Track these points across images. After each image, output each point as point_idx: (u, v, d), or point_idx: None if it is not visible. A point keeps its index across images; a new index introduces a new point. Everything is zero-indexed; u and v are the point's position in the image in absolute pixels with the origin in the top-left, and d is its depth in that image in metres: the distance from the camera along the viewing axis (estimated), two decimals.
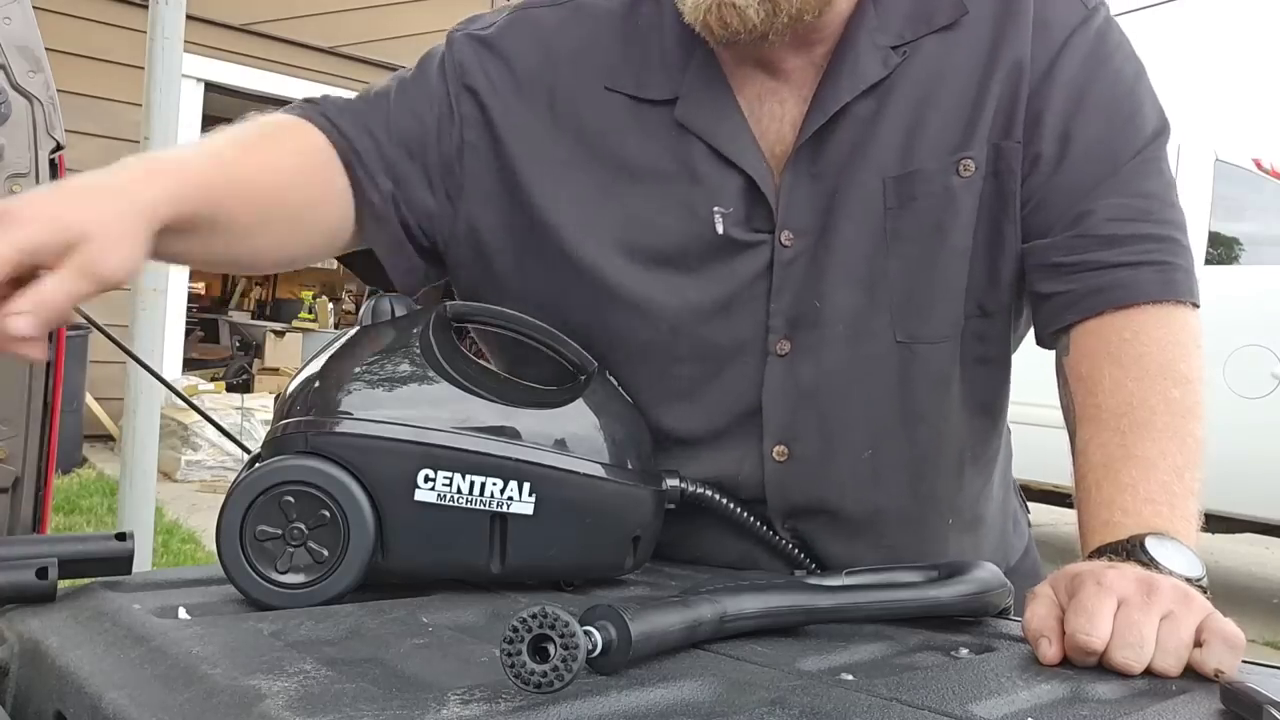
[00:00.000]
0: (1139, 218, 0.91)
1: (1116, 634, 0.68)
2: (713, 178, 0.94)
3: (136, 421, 2.67)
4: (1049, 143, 0.92)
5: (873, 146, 0.92)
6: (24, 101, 1.08)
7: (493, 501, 0.81)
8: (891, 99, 0.93)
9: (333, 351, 0.86)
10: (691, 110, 0.95)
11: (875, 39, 0.93)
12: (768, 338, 0.94)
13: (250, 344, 9.72)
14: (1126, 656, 0.68)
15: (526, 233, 0.98)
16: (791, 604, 0.76)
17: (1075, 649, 0.69)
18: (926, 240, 0.93)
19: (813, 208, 0.93)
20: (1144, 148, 0.93)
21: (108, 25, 6.58)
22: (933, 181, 0.92)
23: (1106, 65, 0.94)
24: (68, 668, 0.64)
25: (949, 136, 0.92)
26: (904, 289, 0.93)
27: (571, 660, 0.55)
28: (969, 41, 0.93)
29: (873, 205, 0.92)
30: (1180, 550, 0.77)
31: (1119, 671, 0.68)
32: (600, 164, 0.97)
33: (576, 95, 0.98)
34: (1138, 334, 0.89)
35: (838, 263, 0.93)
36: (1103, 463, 0.86)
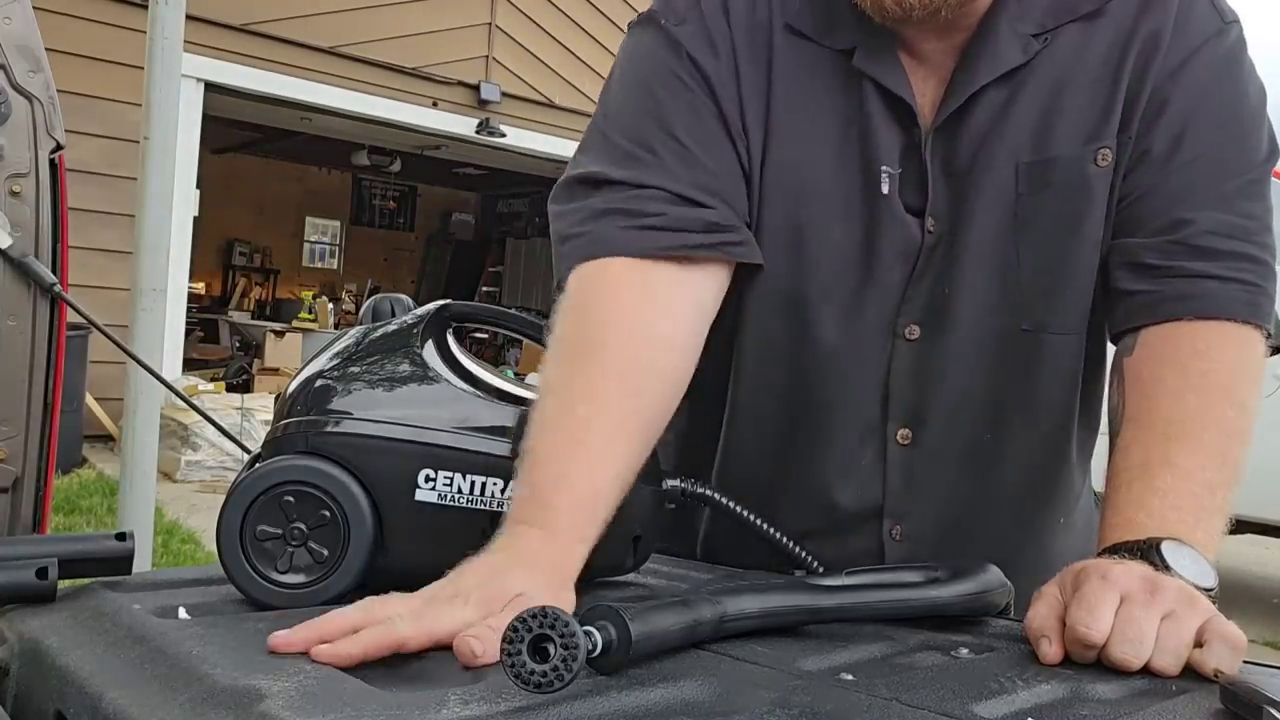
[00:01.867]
0: (1238, 235, 0.91)
1: (1116, 629, 0.68)
2: (882, 131, 0.94)
3: (136, 421, 2.67)
4: (1161, 140, 0.92)
5: (1007, 132, 0.92)
6: (24, 101, 1.08)
7: (493, 501, 0.81)
8: (1028, 85, 0.92)
9: (333, 351, 0.86)
10: (866, 58, 0.94)
11: (1016, 26, 0.92)
12: (898, 321, 0.96)
13: (250, 344, 9.72)
14: (1125, 652, 0.68)
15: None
16: (792, 604, 0.76)
17: (1074, 641, 0.69)
18: (1059, 228, 0.93)
19: (949, 192, 0.94)
20: (1253, 169, 0.93)
21: (108, 25, 6.57)
22: (1070, 169, 0.92)
23: (1234, 80, 0.94)
24: (68, 668, 0.64)
25: (1086, 124, 0.92)
26: (1033, 277, 0.94)
27: (571, 660, 0.55)
28: (1110, 29, 0.93)
29: (1005, 190, 0.93)
30: (1196, 559, 0.76)
31: (1117, 667, 0.68)
32: (791, 96, 0.95)
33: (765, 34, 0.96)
34: (1210, 349, 0.88)
35: (969, 249, 0.94)
36: (1141, 463, 0.85)
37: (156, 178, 2.69)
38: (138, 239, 2.71)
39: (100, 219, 6.13)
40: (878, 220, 0.94)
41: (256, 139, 11.12)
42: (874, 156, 0.94)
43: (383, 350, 0.85)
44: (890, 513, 1.00)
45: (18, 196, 1.09)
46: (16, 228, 1.09)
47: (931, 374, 0.96)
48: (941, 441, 0.97)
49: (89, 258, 5.97)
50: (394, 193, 14.25)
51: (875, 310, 0.96)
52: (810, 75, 0.95)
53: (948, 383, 0.96)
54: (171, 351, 6.54)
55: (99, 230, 6.07)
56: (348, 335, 0.88)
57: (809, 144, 0.95)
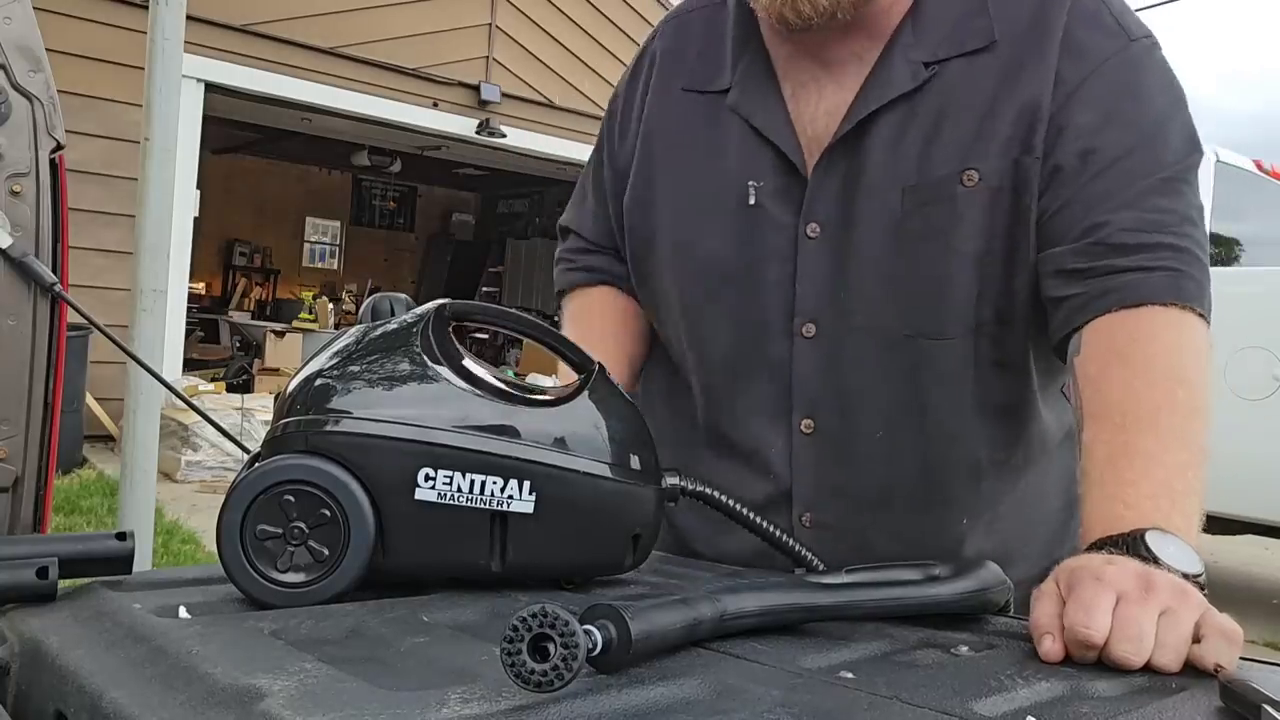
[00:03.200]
0: (1154, 229, 0.94)
1: (1116, 629, 0.69)
2: (752, 155, 1.07)
3: (137, 422, 2.67)
4: (1070, 155, 0.97)
5: (896, 155, 1.01)
6: (24, 101, 1.08)
7: (493, 500, 0.81)
8: (918, 112, 1.01)
9: (332, 350, 0.86)
10: (738, 96, 1.09)
11: (909, 54, 1.01)
12: (794, 320, 1.04)
13: (250, 344, 9.72)
14: (1126, 651, 0.68)
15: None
16: (791, 602, 0.76)
17: (1075, 643, 0.70)
18: (933, 244, 1.00)
19: (839, 202, 1.03)
20: (1166, 170, 0.96)
21: (108, 25, 6.58)
22: (940, 190, 0.99)
23: (1138, 91, 0.99)
24: (68, 667, 0.64)
25: (958, 150, 0.99)
26: (912, 288, 1.01)
27: (572, 660, 0.55)
28: (994, 65, 1.00)
29: (890, 208, 1.01)
30: (1181, 547, 0.78)
31: (1119, 666, 0.68)
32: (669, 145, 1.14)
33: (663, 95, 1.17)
34: (1146, 335, 0.92)
35: (857, 257, 1.02)
36: (1106, 457, 0.88)
37: (157, 178, 2.69)
38: (138, 239, 2.71)
39: (101, 219, 6.13)
40: (751, 229, 1.06)
41: (257, 139, 11.13)
42: (745, 175, 1.06)
43: (382, 349, 0.85)
44: (799, 500, 1.07)
45: (18, 196, 1.09)
46: (17, 228, 1.09)
47: (829, 370, 1.04)
48: (840, 433, 1.05)
49: (89, 258, 5.98)
50: (394, 193, 14.25)
51: (768, 307, 1.06)
52: (694, 117, 1.12)
53: (844, 379, 1.04)
54: (172, 352, 6.54)
55: (99, 230, 6.08)
56: (347, 334, 0.88)
57: (688, 175, 1.12)
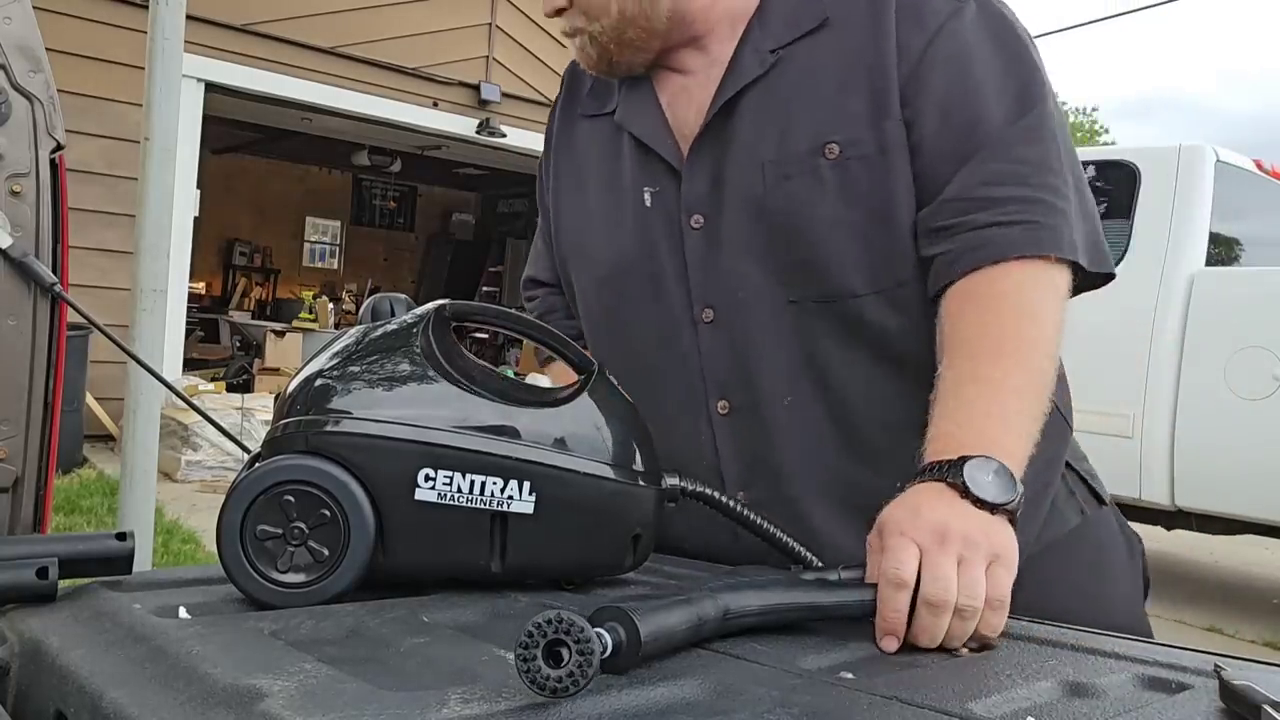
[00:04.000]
0: (1012, 181, 1.00)
1: (924, 572, 0.79)
2: (642, 163, 1.15)
3: (137, 421, 2.67)
4: (927, 120, 1.02)
5: (756, 138, 1.07)
6: (24, 101, 1.08)
7: (493, 500, 0.81)
8: (771, 95, 1.07)
9: (333, 351, 0.86)
10: (623, 113, 1.18)
11: (757, 46, 1.09)
12: (693, 308, 1.10)
13: (250, 344, 9.72)
14: (935, 590, 0.77)
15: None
16: (793, 600, 0.77)
17: (889, 583, 0.78)
18: (798, 217, 1.05)
19: (710, 189, 1.09)
20: (1020, 118, 1.02)
21: (108, 25, 6.57)
22: (801, 164, 1.05)
23: (981, 47, 1.04)
24: (68, 667, 0.64)
25: (815, 124, 1.05)
26: (786, 257, 1.06)
27: (588, 666, 0.55)
28: (834, 42, 1.06)
29: (754, 187, 1.07)
30: (998, 475, 0.85)
31: (933, 606, 0.77)
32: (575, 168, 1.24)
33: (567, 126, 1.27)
34: (1000, 279, 0.98)
35: (732, 237, 1.08)
36: (952, 381, 0.94)
37: (157, 178, 2.69)
38: (138, 239, 2.71)
39: (101, 219, 6.13)
40: (648, 228, 1.13)
41: (257, 139, 11.12)
42: (640, 182, 1.14)
43: (382, 350, 0.85)
44: (730, 481, 1.10)
45: (18, 196, 1.09)
46: (17, 228, 1.09)
47: (731, 349, 1.09)
48: (753, 408, 1.09)
49: (90, 258, 5.98)
50: (394, 193, 14.25)
51: (672, 301, 1.12)
52: (594, 139, 1.22)
53: (746, 354, 1.09)
54: (172, 351, 6.54)
55: (100, 230, 6.08)
56: (347, 335, 0.88)
57: (592, 191, 1.21)
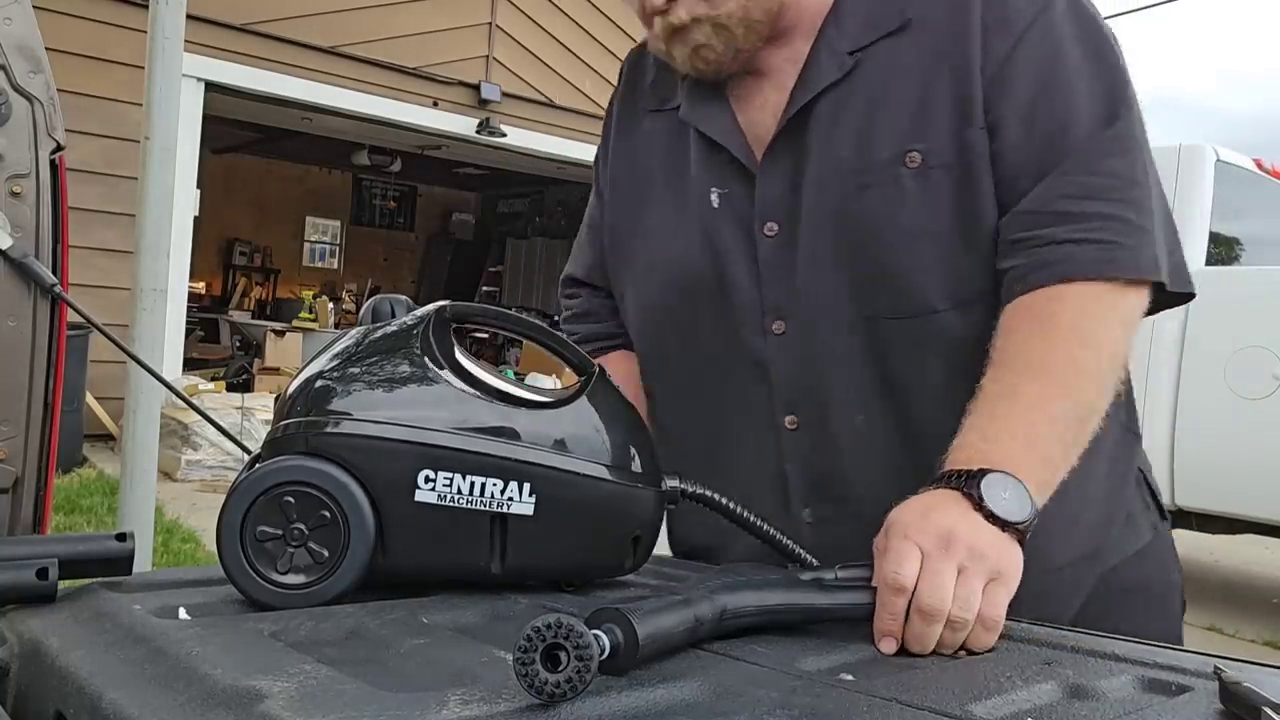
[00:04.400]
0: (1094, 195, 0.96)
1: (922, 578, 0.78)
2: (710, 163, 1.09)
3: (137, 421, 2.67)
4: (1009, 127, 0.98)
5: (834, 145, 1.02)
6: (24, 102, 1.08)
7: (493, 502, 0.81)
8: (849, 100, 1.02)
9: (333, 352, 0.86)
10: (688, 109, 1.12)
11: (834, 46, 1.04)
12: (764, 319, 1.06)
13: (251, 344, 9.72)
14: (931, 598, 0.76)
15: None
16: (791, 602, 0.77)
17: (887, 587, 0.78)
18: (878, 227, 1.00)
19: (786, 196, 1.04)
20: (1108, 126, 0.97)
21: (108, 25, 6.57)
22: (882, 173, 1.00)
23: (1069, 49, 0.99)
24: (68, 668, 0.64)
25: (897, 132, 1.00)
26: (863, 270, 1.01)
27: (585, 671, 0.55)
28: (915, 44, 1.01)
29: (832, 196, 1.02)
30: (1016, 493, 0.83)
31: (926, 614, 0.76)
32: (636, 165, 1.18)
33: (628, 121, 1.22)
34: (1063, 300, 0.94)
35: (808, 247, 1.03)
36: (989, 394, 0.91)
37: (157, 177, 2.68)
38: (138, 239, 2.71)
39: (101, 219, 6.13)
40: (715, 231, 1.08)
41: (257, 139, 11.12)
42: (707, 182, 1.09)
43: (383, 351, 0.85)
44: (795, 497, 1.07)
45: (18, 197, 1.09)
46: (17, 228, 1.09)
47: (803, 363, 1.05)
48: (823, 425, 1.05)
49: (90, 257, 5.98)
50: (394, 193, 14.25)
51: (740, 310, 1.07)
52: (656, 136, 1.17)
53: (818, 370, 1.04)
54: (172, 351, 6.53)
55: (100, 230, 6.08)
56: (348, 336, 0.88)
57: (655, 190, 1.15)
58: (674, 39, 1.05)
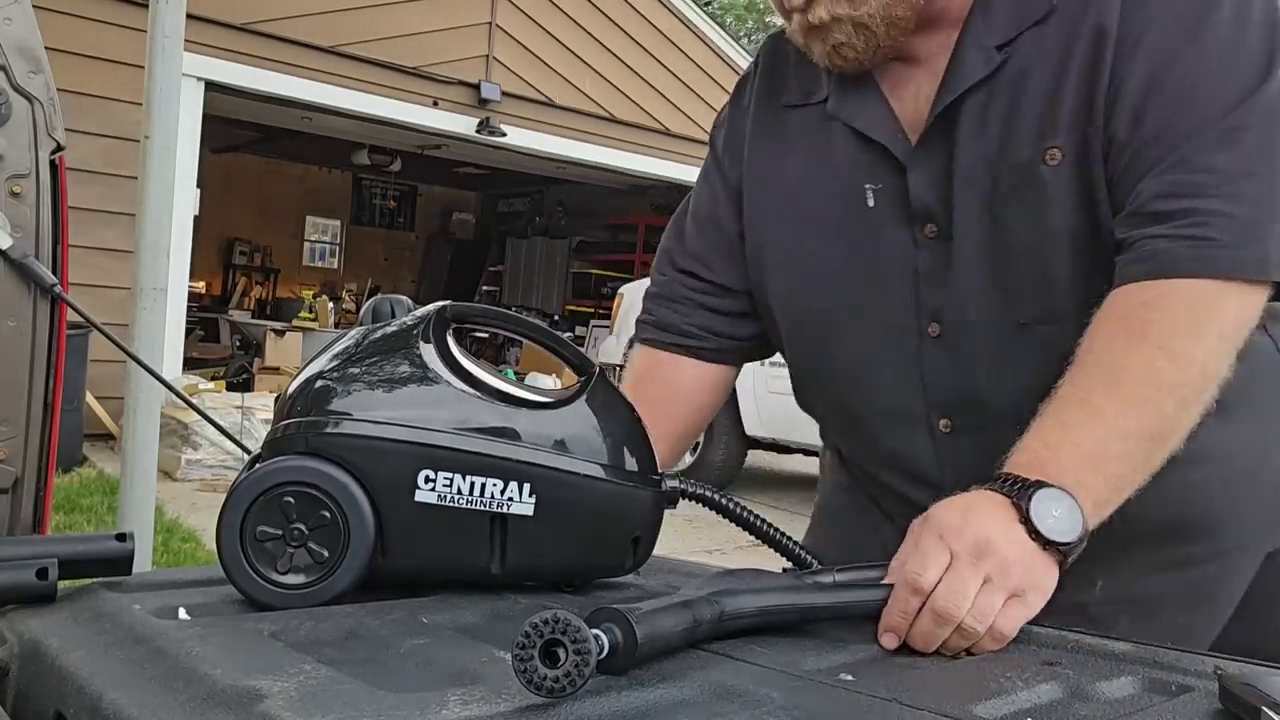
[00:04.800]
0: (1187, 194, 0.90)
1: (944, 582, 0.76)
2: (861, 158, 1.05)
3: (137, 420, 2.67)
4: (1122, 125, 0.93)
5: (982, 142, 0.99)
6: (24, 102, 1.08)
7: (493, 502, 0.81)
8: (997, 93, 0.98)
9: (333, 352, 0.86)
10: (837, 104, 1.07)
11: (981, 40, 0.99)
12: (920, 320, 1.03)
13: (251, 343, 9.72)
14: (947, 602, 0.75)
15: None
16: (790, 603, 0.77)
17: (905, 584, 0.77)
18: (1027, 226, 0.97)
19: (941, 194, 1.01)
20: (1222, 119, 0.91)
21: (108, 25, 6.57)
22: (1026, 171, 0.96)
23: (1199, 35, 0.93)
24: (68, 668, 0.64)
25: (1039, 125, 0.96)
26: (1017, 274, 0.98)
27: (584, 666, 0.56)
28: (1057, 33, 0.96)
29: (983, 194, 0.99)
30: (1067, 512, 0.80)
31: (940, 617, 0.75)
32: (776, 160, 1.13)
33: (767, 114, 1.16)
34: (1155, 302, 0.88)
35: (963, 250, 1.00)
36: (1061, 398, 0.87)
37: (157, 177, 2.69)
38: (138, 238, 2.71)
39: (101, 218, 6.13)
40: (871, 230, 1.05)
41: (257, 138, 11.12)
42: (859, 179, 1.05)
43: (383, 351, 0.85)
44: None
45: (18, 197, 1.09)
46: (17, 229, 1.09)
47: (958, 367, 1.02)
48: (979, 431, 1.02)
49: (90, 257, 5.98)
50: (394, 192, 14.25)
51: (896, 310, 1.04)
52: (800, 132, 1.12)
53: (973, 375, 1.01)
54: (172, 351, 6.53)
55: (100, 229, 6.08)
56: (348, 336, 0.88)
57: (799, 187, 1.10)
58: (812, 35, 1.01)
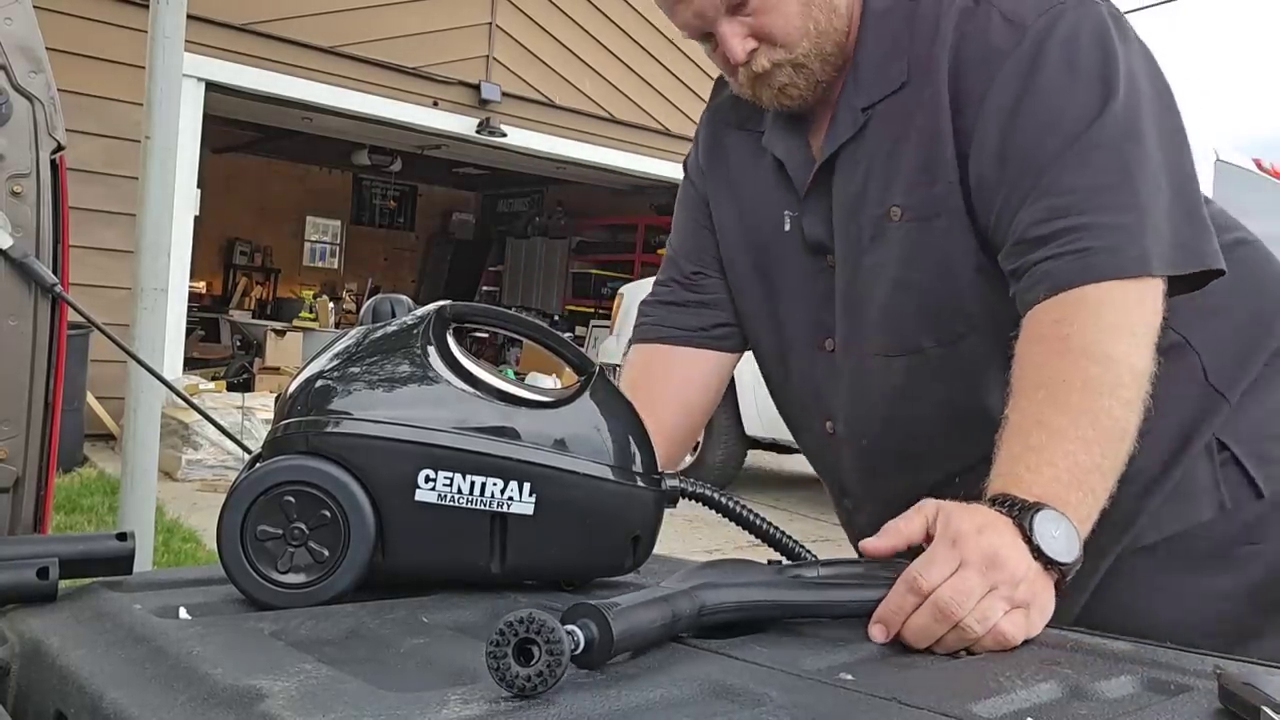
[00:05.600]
0: (1059, 215, 0.96)
1: (949, 584, 0.77)
2: (783, 187, 1.17)
3: (137, 420, 2.67)
4: (988, 168, 1.01)
5: (847, 192, 1.10)
6: (25, 102, 1.08)
7: (493, 502, 0.81)
8: (859, 155, 1.09)
9: (333, 352, 0.86)
10: (770, 136, 1.19)
11: (852, 102, 1.10)
12: (818, 336, 1.17)
13: (251, 343, 9.72)
14: (949, 601, 0.76)
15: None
16: (769, 598, 0.77)
17: (906, 582, 0.78)
18: (880, 271, 1.08)
19: (826, 234, 1.13)
20: (1075, 143, 0.97)
21: (108, 25, 6.57)
22: (874, 226, 1.08)
23: (1037, 78, 1.00)
24: (68, 667, 0.64)
25: (883, 185, 1.07)
26: (870, 312, 1.11)
27: (556, 665, 0.56)
28: (906, 102, 1.06)
29: (852, 240, 1.11)
30: (1066, 533, 0.82)
31: (940, 612, 0.76)
32: (726, 177, 1.26)
33: (722, 133, 1.28)
34: (1063, 318, 0.94)
35: (841, 284, 1.13)
36: (1016, 425, 0.91)
37: (157, 177, 2.69)
38: (139, 238, 2.71)
39: (101, 218, 6.13)
40: (784, 253, 1.18)
41: (257, 138, 11.12)
42: (781, 203, 1.17)
43: (383, 350, 0.85)
44: (847, 494, 1.21)
45: (19, 197, 1.09)
46: (17, 228, 1.09)
47: (840, 379, 1.16)
48: (852, 437, 1.16)
49: (90, 257, 5.97)
50: (394, 192, 14.25)
51: (801, 325, 1.18)
52: (746, 155, 1.23)
53: (850, 389, 1.15)
54: (172, 351, 6.53)
55: (100, 229, 6.08)
56: (348, 336, 0.88)
57: (737, 204, 1.24)
58: (758, 84, 1.10)
